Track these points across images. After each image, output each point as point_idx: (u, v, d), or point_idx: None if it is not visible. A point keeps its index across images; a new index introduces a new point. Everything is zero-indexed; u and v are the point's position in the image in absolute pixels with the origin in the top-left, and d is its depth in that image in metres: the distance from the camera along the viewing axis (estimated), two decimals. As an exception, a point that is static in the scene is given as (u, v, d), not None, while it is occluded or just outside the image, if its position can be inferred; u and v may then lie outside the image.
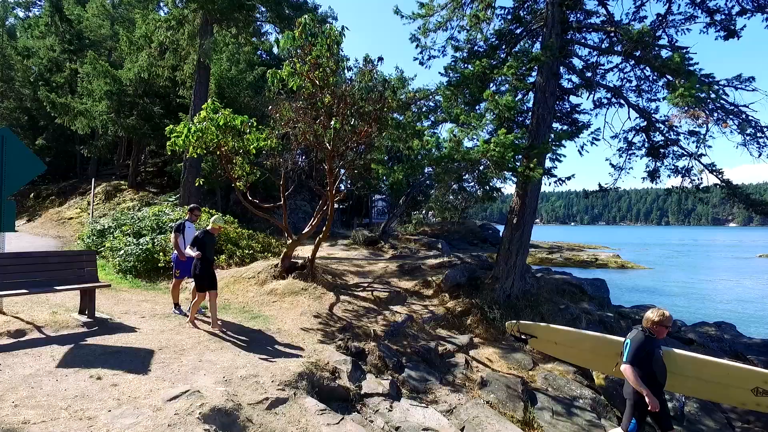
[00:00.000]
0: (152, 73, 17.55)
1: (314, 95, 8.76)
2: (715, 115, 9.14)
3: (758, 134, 8.61)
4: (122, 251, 12.51)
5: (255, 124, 9.60)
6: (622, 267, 39.04)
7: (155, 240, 12.67)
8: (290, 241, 10.71)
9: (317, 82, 8.51)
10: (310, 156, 10.58)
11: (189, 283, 9.00)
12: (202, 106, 9.54)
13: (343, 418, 5.37)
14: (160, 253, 12.17)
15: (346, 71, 8.98)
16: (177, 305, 8.51)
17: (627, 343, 4.84)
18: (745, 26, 9.93)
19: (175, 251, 8.25)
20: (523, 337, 7.06)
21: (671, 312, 5.20)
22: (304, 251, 12.94)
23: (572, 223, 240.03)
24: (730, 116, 8.46)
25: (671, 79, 8.51)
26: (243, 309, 9.41)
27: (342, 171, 10.68)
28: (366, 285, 10.72)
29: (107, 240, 13.69)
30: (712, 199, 11.40)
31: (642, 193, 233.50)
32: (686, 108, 7.49)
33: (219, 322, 7.60)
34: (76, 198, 24.07)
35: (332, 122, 8.40)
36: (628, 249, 56.89)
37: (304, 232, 10.65)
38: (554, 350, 6.83)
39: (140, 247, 12.42)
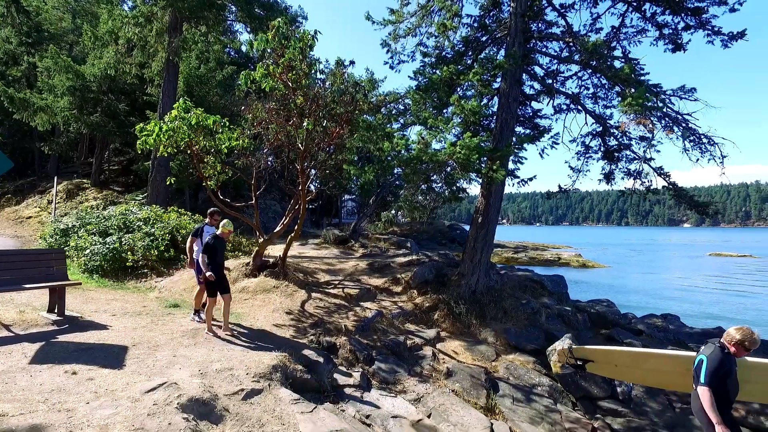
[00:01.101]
0: (119, 70, 17.20)
1: (287, 96, 8.96)
2: (662, 122, 9.89)
3: (699, 141, 9.38)
4: (88, 250, 12.30)
5: (227, 124, 9.69)
6: (583, 266, 40.63)
7: (122, 239, 12.51)
8: (262, 239, 10.83)
9: (290, 84, 8.71)
10: (282, 156, 10.72)
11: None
12: (174, 105, 9.55)
13: (316, 407, 5.63)
14: (128, 253, 12.07)
15: (318, 74, 9.21)
16: (198, 311, 8.26)
17: (701, 360, 4.43)
18: (690, 40, 10.75)
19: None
20: (578, 363, 6.49)
21: (621, 305, 5.62)
22: (274, 250, 13.05)
23: (537, 224, 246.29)
24: (676, 124, 9.19)
25: (623, 88, 9.16)
26: (215, 308, 9.49)
27: (313, 171, 10.88)
28: (337, 282, 10.97)
29: (71, 239, 13.40)
30: (667, 201, 12.19)
31: (604, 195, 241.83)
32: (634, 115, 8.13)
33: (230, 326, 7.58)
34: (34, 196, 23.21)
35: (305, 123, 8.62)
36: (589, 248, 59.05)
37: (275, 230, 10.80)
38: (614, 373, 6.35)
39: (107, 246, 12.23)
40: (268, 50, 8.65)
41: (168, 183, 9.74)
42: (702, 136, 9.39)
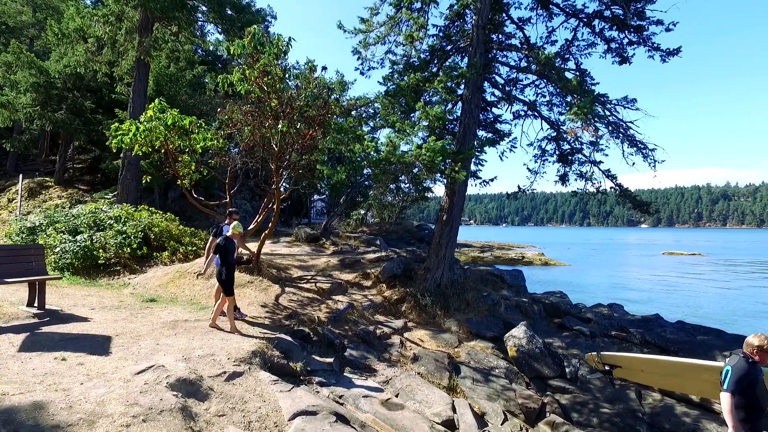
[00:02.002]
0: (89, 68, 17.08)
1: (262, 99, 9.40)
2: (610, 129, 10.87)
3: (638, 146, 10.40)
4: (58, 248, 12.32)
5: (203, 124, 10.04)
6: (546, 264, 42.37)
7: (93, 237, 12.59)
8: (236, 237, 11.19)
9: (265, 87, 9.17)
10: (256, 156, 11.13)
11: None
12: (150, 106, 9.84)
13: (293, 387, 6.16)
14: (100, 250, 12.17)
15: (292, 78, 9.69)
16: (236, 309, 8.42)
17: (727, 370, 4.52)
18: (634, 54, 11.79)
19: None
20: (606, 368, 6.63)
21: (577, 298, 6.31)
22: (249, 248, 13.40)
23: (504, 225, 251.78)
24: (616, 130, 10.18)
25: (573, 97, 10.05)
26: (190, 301, 9.82)
27: (286, 172, 11.32)
28: (309, 277, 11.46)
29: (39, 237, 13.35)
30: (626, 202, 13.10)
31: (567, 197, 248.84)
32: (580, 123, 8.99)
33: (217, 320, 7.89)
34: (-7, 195, 22.58)
35: (279, 125, 9.09)
36: (552, 248, 61.27)
37: (249, 228, 11.18)
38: (641, 378, 6.49)
39: (78, 244, 12.28)
40: (244, 55, 9.07)
41: (144, 181, 10.00)
42: (639, 142, 10.41)
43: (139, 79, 16.22)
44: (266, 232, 11.29)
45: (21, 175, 18.48)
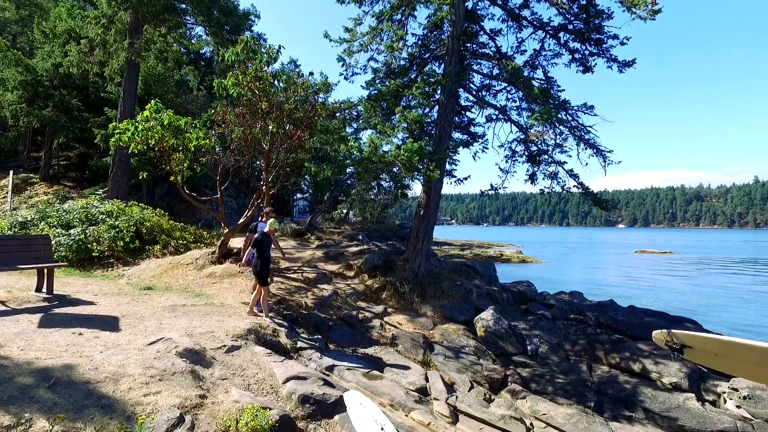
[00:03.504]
0: (80, 68, 17.52)
1: (253, 102, 10.18)
2: (572, 133, 11.94)
3: (595, 149, 11.52)
4: (52, 241, 12.85)
5: (197, 124, 10.75)
6: (523, 261, 43.76)
7: (87, 231, 13.14)
8: (226, 230, 11.93)
9: (257, 91, 9.95)
10: (246, 155, 11.87)
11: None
12: (147, 107, 10.49)
13: (285, 359, 6.98)
14: (94, 243, 12.75)
15: (281, 83, 10.48)
16: (259, 301, 8.83)
17: None
18: (596, 64, 12.89)
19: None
20: (675, 347, 7.31)
21: (550, 290, 7.13)
22: (233, 243, 14.08)
23: (485, 224, 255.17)
24: (573, 133, 11.25)
25: (538, 103, 11.08)
26: (185, 290, 10.52)
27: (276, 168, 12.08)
28: (296, 268, 12.25)
29: (32, 232, 13.84)
30: (588, 200, 14.15)
31: (546, 197, 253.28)
32: (542, 127, 9.99)
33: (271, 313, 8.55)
34: (-24, 191, 22.71)
35: (270, 126, 9.89)
36: (530, 246, 62.94)
37: (239, 222, 11.93)
38: (714, 362, 5.61)
39: (72, 237, 12.83)
40: (237, 61, 9.83)
41: (140, 177, 10.65)
42: (596, 145, 11.51)
43: (129, 79, 16.75)
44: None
45: (11, 172, 18.78)
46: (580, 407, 7.38)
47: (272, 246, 9.05)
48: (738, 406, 7.36)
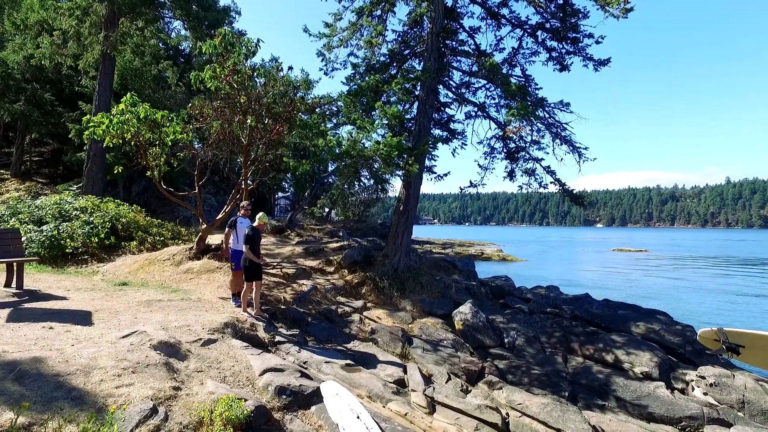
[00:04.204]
0: (53, 61, 17.09)
1: (231, 96, 10.09)
2: (549, 130, 12.14)
3: (574, 146, 11.75)
4: (24, 238, 12.53)
5: (174, 118, 10.60)
6: (503, 259, 44.27)
7: (60, 227, 12.85)
8: (204, 225, 11.79)
9: (235, 85, 9.86)
10: (224, 150, 11.75)
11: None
12: (122, 99, 10.30)
13: (262, 352, 6.95)
14: (68, 240, 12.46)
15: (261, 77, 10.41)
16: (235, 295, 8.89)
17: None
18: (572, 63, 13.13)
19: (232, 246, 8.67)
20: (732, 346, 5.86)
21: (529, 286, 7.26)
22: (212, 240, 13.93)
23: (467, 224, 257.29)
24: (549, 129, 11.46)
25: (514, 100, 11.24)
26: (162, 285, 10.37)
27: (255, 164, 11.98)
28: (275, 264, 12.18)
29: (1, 227, 13.46)
30: (564, 197, 14.40)
31: (526, 197, 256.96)
32: (518, 123, 10.15)
33: (262, 309, 8.49)
34: (-57, 187, 21.97)
35: (248, 120, 9.81)
36: (511, 245, 63.61)
37: (218, 217, 11.80)
38: None
39: (44, 234, 12.53)
40: (215, 54, 9.73)
41: (116, 171, 10.45)
42: (572, 142, 11.75)
43: (105, 73, 16.41)
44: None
45: (-20, 167, 18.20)
46: (554, 397, 7.53)
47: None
48: (705, 393, 7.60)
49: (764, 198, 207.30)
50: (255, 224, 8.25)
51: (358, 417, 4.94)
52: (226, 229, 9.01)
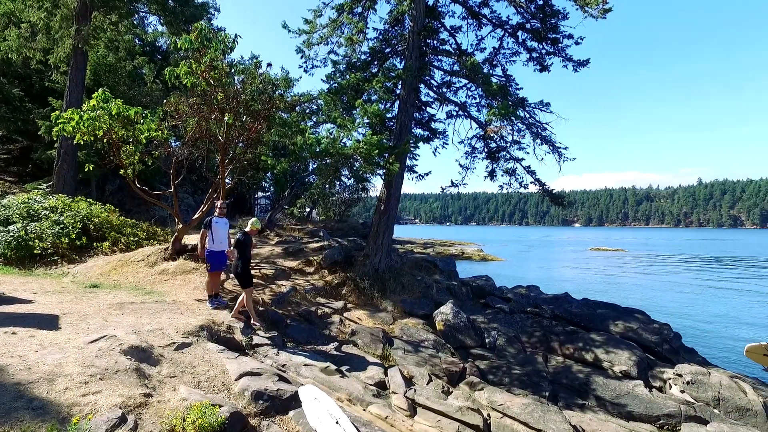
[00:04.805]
0: (20, 55, 16.44)
1: (208, 93, 9.82)
2: (530, 130, 12.18)
3: (551, 145, 11.83)
4: (-12, 239, 12.03)
5: (148, 115, 10.28)
6: (484, 259, 44.61)
7: (28, 227, 12.37)
8: (180, 225, 11.48)
9: (212, 81, 9.60)
10: (201, 148, 11.47)
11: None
12: (94, 95, 9.94)
13: (239, 356, 6.75)
14: (36, 240, 12.00)
15: (239, 74, 10.16)
16: (211, 297, 8.60)
17: None
18: (552, 63, 13.20)
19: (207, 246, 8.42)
20: None
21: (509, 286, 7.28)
22: (189, 240, 13.59)
23: (447, 223, 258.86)
24: (529, 129, 11.52)
25: (495, 100, 11.26)
26: (135, 287, 10.05)
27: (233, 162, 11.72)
28: (254, 264, 11.91)
29: (-36, 228, 12.88)
30: (544, 196, 14.46)
31: (506, 197, 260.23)
32: (498, 122, 10.16)
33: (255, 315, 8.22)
34: None
35: (226, 118, 9.57)
36: (491, 245, 64.22)
37: (194, 217, 11.51)
38: None
39: (10, 234, 12.05)
40: (191, 49, 9.45)
41: (87, 169, 10.07)
42: (552, 142, 11.83)
43: (77, 68, 15.86)
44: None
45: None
46: (535, 397, 7.53)
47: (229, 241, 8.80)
48: (682, 391, 7.70)
49: (733, 198, 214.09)
50: (247, 229, 8.04)
51: (337, 422, 4.81)
52: (202, 229, 8.75)
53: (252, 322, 8.04)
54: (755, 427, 6.79)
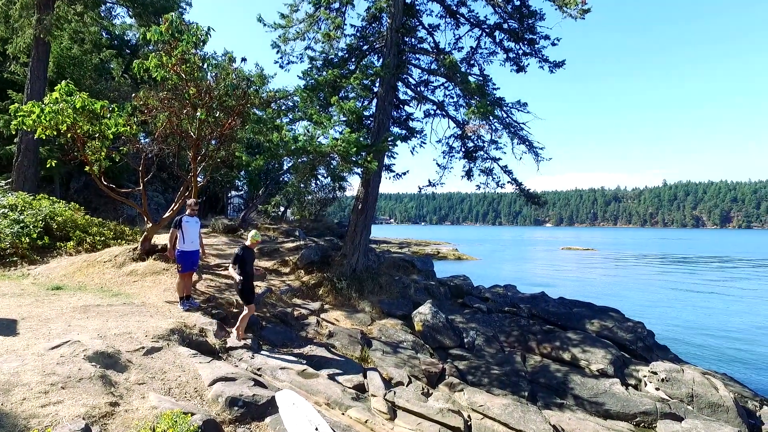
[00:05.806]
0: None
1: (179, 87, 9.45)
2: (509, 129, 12.23)
3: (528, 144, 11.92)
4: (-59, 238, 11.33)
5: (115, 109, 9.84)
6: (459, 258, 44.98)
7: (-16, 227, 11.70)
8: (150, 225, 11.05)
9: (183, 75, 9.24)
10: (172, 144, 11.07)
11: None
12: (56, 87, 9.44)
13: (212, 360, 6.48)
14: (-7, 241, 11.36)
15: (211, 68, 9.82)
16: (183, 299, 8.27)
17: None
18: (529, 64, 13.30)
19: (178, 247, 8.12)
20: None
21: (484, 284, 7.22)
22: (159, 239, 13.12)
23: (422, 223, 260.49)
24: (507, 128, 11.57)
25: (475, 99, 11.23)
26: (101, 289, 9.60)
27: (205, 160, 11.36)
28: (227, 265, 11.58)
29: None
30: (521, 196, 14.53)
31: (480, 197, 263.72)
32: (477, 121, 10.15)
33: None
34: None
35: (198, 113, 9.23)
36: (465, 244, 64.85)
37: (164, 216, 11.09)
38: None
39: (-35, 234, 11.38)
40: (161, 42, 9.07)
41: (48, 165, 9.56)
42: (528, 141, 11.91)
43: (38, 60, 15.10)
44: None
45: None
46: (515, 397, 7.52)
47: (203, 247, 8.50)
48: (657, 389, 7.82)
49: (696, 199, 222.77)
50: (247, 243, 7.67)
51: (316, 429, 4.63)
52: (172, 228, 8.42)
53: (239, 334, 7.69)
54: (727, 422, 6.94)
